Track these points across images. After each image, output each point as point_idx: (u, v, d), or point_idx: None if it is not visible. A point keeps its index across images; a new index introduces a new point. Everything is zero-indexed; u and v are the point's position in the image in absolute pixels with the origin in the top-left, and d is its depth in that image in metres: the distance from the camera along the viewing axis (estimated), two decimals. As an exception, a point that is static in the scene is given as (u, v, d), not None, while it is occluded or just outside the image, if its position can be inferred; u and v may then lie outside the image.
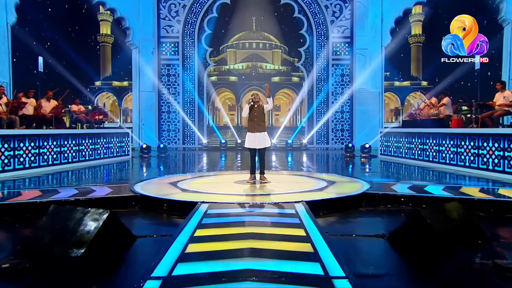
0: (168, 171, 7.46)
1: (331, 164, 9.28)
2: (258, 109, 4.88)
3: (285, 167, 8.08)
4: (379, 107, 14.73)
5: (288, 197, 4.07)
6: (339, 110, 14.85)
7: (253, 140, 4.85)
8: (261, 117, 4.87)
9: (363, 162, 9.58)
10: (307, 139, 14.81)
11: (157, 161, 9.83)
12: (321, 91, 14.86)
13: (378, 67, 14.44)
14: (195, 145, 14.58)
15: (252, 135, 4.86)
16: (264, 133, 4.87)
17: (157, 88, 14.44)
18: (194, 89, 14.60)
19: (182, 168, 8.42)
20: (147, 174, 6.94)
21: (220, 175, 6.29)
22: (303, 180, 5.56)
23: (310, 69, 14.93)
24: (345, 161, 9.72)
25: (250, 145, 4.88)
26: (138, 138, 14.12)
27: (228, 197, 4.17)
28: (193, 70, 14.61)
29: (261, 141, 4.84)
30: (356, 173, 7.28)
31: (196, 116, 14.71)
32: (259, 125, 4.84)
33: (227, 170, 7.31)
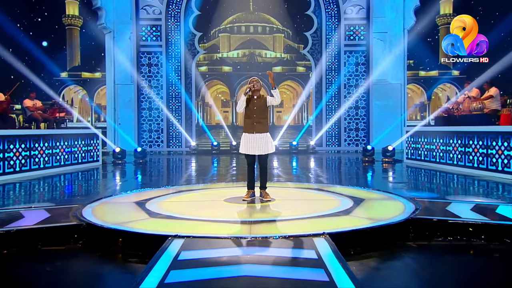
0: (141, 184, 6.86)
1: (349, 172, 8.72)
2: (259, 101, 4.27)
3: (290, 176, 7.61)
4: (401, 102, 14.12)
5: (303, 226, 3.31)
6: (353, 105, 14.31)
7: (251, 144, 4.22)
8: (262, 113, 4.25)
9: (387, 169, 9.05)
10: (315, 140, 14.33)
11: (132, 169, 9.28)
12: (331, 83, 14.37)
13: (400, 54, 13.99)
14: (182, 148, 14.14)
15: (249, 137, 4.25)
16: (266, 135, 4.26)
17: (135, 81, 13.88)
18: (180, 82, 14.12)
19: (161, 179, 7.76)
20: (111, 189, 6.22)
21: (208, 189, 5.69)
22: (317, 196, 4.89)
23: (319, 57, 14.46)
24: (364, 168, 9.24)
25: (247, 150, 4.23)
26: (113, 141, 13.63)
27: (214, 227, 3.36)
28: (179, 59, 14.10)
29: (262, 145, 4.21)
30: (384, 184, 6.58)
31: (182, 113, 14.21)
32: (259, 124, 4.22)
33: (218, 182, 6.76)
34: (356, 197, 4.57)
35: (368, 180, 7.31)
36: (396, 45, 14.03)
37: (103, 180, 7.54)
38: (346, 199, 4.43)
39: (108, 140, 11.77)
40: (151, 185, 6.35)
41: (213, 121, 19.61)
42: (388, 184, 6.58)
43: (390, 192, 4.97)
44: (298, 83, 18.30)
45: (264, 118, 4.26)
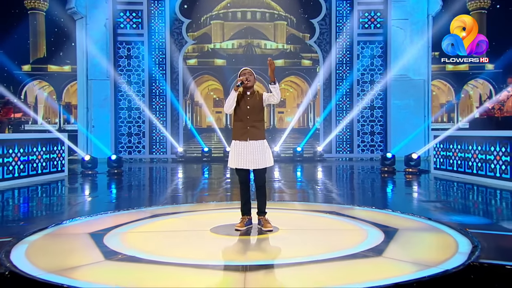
0: (108, 204, 6.28)
1: (366, 186, 8.27)
2: (253, 99, 3.95)
3: (295, 191, 7.27)
4: (425, 101, 13.82)
5: (318, 276, 2.67)
6: (368, 105, 14.04)
7: (243, 156, 3.88)
8: (257, 114, 3.93)
9: (413, 182, 8.60)
10: (323, 146, 14.05)
11: (103, 183, 8.82)
12: (343, 79, 14.12)
13: (423, 44, 13.67)
14: (167, 155, 13.87)
15: (241, 146, 3.91)
16: (262, 143, 3.92)
17: (112, 76, 13.57)
18: (164, 78, 13.88)
19: (135, 196, 7.19)
20: (65, 212, 5.54)
21: (193, 211, 5.14)
22: (333, 223, 4.38)
23: (328, 49, 14.25)
24: (384, 180, 8.92)
25: (238, 163, 3.89)
26: (85, 146, 13.35)
27: (192, 276, 2.72)
28: (163, 51, 13.87)
29: (258, 156, 3.87)
30: (415, 204, 6.01)
31: (168, 114, 13.95)
32: (254, 128, 3.90)
33: (207, 200, 6.27)
34: (385, 225, 4.03)
35: (392, 197, 6.82)
36: (418, 34, 13.76)
37: (60, 198, 6.95)
38: (372, 229, 3.89)
39: (75, 146, 11.24)
40: (121, 205, 5.89)
41: (204, 124, 19.19)
42: (419, 204, 6.00)
43: (429, 218, 4.37)
44: (303, 79, 17.82)
45: (260, 121, 3.94)
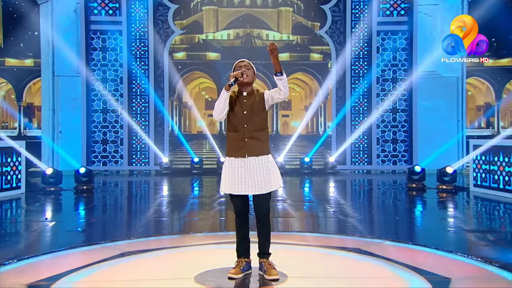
0: (64, 234, 5.86)
1: (393, 209, 8.03)
2: (252, 100, 3.73)
3: (303, 216, 7.07)
4: (459, 103, 13.65)
5: None
6: (390, 108, 13.79)
7: (240, 177, 3.64)
8: (257, 120, 3.72)
9: (449, 202, 8.46)
10: (335, 156, 13.83)
11: (66, 203, 8.63)
12: (359, 76, 13.94)
13: None
14: (149, 166, 13.70)
15: (237, 164, 3.68)
16: (266, 159, 3.69)
17: (84, 72, 13.36)
18: (147, 74, 13.79)
19: (103, 224, 6.87)
20: (8, 248, 5.13)
21: (175, 247, 4.81)
22: (358, 266, 4.09)
23: (341, 41, 14.10)
24: (412, 199, 8.81)
25: (234, 188, 3.65)
26: (49, 157, 13.12)
27: None
28: (146, 42, 13.72)
29: (260, 178, 3.63)
30: (463, 237, 5.63)
31: (150, 118, 13.81)
32: (254, 140, 3.68)
33: (194, 229, 6.01)
34: (432, 272, 3.68)
35: (428, 225, 6.47)
36: (450, 22, 13.38)
37: (4, 226, 6.53)
38: (415, 277, 3.53)
39: (35, 156, 10.92)
40: (81, 237, 5.61)
41: (194, 129, 18.93)
42: (466, 237, 5.59)
43: (488, 261, 3.97)
44: (312, 76, 17.62)
45: (261, 130, 3.69)
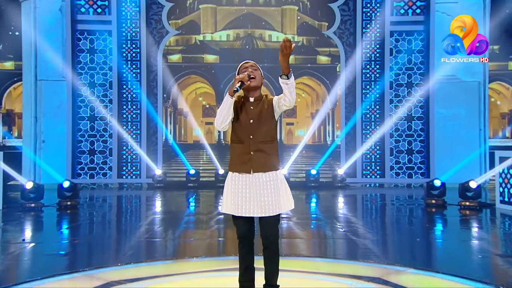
0: (42, 259, 5.74)
1: (412, 228, 7.97)
2: (259, 107, 3.64)
3: (310, 236, 7.02)
4: (480, 110, 13.75)
5: None
6: (405, 115, 13.91)
7: (245, 196, 3.56)
8: (265, 131, 3.63)
9: (475, 222, 8.43)
10: (345, 168, 13.94)
11: (47, 221, 8.68)
12: (371, 81, 14.10)
13: None
14: (141, 179, 13.87)
15: (241, 180, 3.60)
16: (275, 175, 3.61)
17: (70, 76, 13.52)
18: (138, 78, 13.95)
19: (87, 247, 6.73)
20: None
21: (166, 275, 4.65)
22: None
23: (351, 42, 14.28)
24: (431, 217, 8.84)
25: (237, 208, 3.55)
26: (31, 169, 13.30)
27: None
28: (137, 44, 13.95)
29: (268, 197, 3.55)
30: (498, 263, 5.49)
31: (143, 127, 13.95)
32: (261, 154, 3.59)
33: (189, 253, 5.91)
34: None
35: (454, 249, 6.28)
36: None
37: None
38: None
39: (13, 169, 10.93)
40: (63, 262, 5.47)
41: (190, 138, 19.17)
42: (502, 263, 5.44)
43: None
44: (319, 81, 17.75)
45: (270, 142, 3.60)
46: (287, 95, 3.45)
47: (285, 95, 3.46)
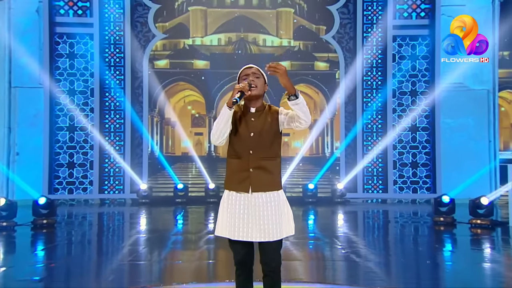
0: (14, 286, 5.68)
1: (419, 250, 7.94)
2: (261, 119, 3.63)
3: (308, 258, 7.03)
4: (490, 120, 13.79)
5: None
6: (409, 126, 13.91)
7: (242, 219, 3.54)
8: (267, 146, 3.62)
9: (488, 242, 8.44)
10: (345, 182, 13.96)
11: (19, 243, 8.61)
12: (372, 89, 14.16)
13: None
14: (124, 194, 13.84)
15: (239, 200, 3.58)
16: (276, 196, 3.58)
17: (47, 83, 13.39)
18: (122, 85, 13.94)
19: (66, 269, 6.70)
20: None
21: None
22: None
23: (351, 47, 14.38)
24: (439, 236, 8.86)
25: (234, 232, 3.55)
26: (4, 184, 13.23)
27: None
28: (121, 48, 13.96)
29: (269, 220, 3.52)
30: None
31: (127, 138, 13.94)
32: (261, 171, 3.57)
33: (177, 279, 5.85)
34: None
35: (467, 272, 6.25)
36: (480, 26, 12.98)
37: None
38: None
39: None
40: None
41: (178, 150, 18.82)
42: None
43: None
44: (316, 89, 17.66)
45: (272, 159, 3.57)
46: (301, 117, 3.41)
47: (299, 117, 3.43)
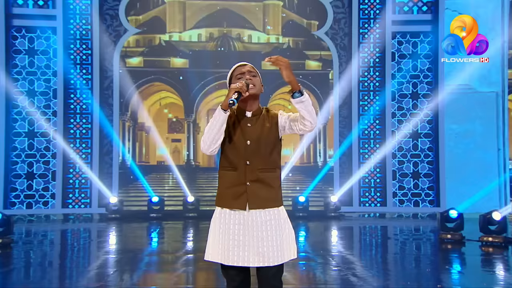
0: None
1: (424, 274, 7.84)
2: (258, 124, 3.65)
3: (299, 280, 7.04)
4: (499, 126, 13.89)
5: None
6: (410, 132, 14.04)
7: (237, 240, 3.55)
8: (266, 155, 3.64)
9: (502, 264, 8.44)
10: (339, 195, 14.08)
11: None
12: (369, 91, 14.28)
13: (495, 39, 13.58)
14: (92, 208, 13.82)
15: (233, 219, 3.60)
16: (276, 214, 3.62)
17: (3, 83, 13.43)
18: (90, 86, 13.99)
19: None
20: None
21: None
22: None
23: (346, 45, 14.47)
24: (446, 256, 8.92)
25: (227, 256, 3.55)
26: None
27: None
28: (89, 44, 14.01)
29: (268, 241, 3.54)
30: None
31: (94, 144, 14.03)
32: (259, 185, 3.59)
33: None
34: None
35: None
36: (488, 22, 13.78)
37: None
38: None
39: None
40: None
41: (153, 159, 18.88)
42: None
43: None
44: (308, 90, 17.48)
45: (272, 170, 3.59)
46: (306, 117, 3.37)
47: (303, 117, 3.39)
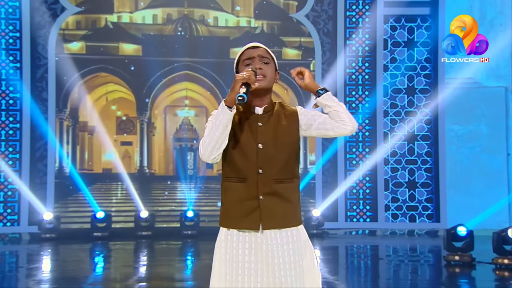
0: None
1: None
2: (271, 122, 3.58)
3: None
4: (508, 126, 14.13)
5: None
6: (406, 134, 14.27)
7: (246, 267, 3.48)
8: (283, 161, 3.56)
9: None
10: (322, 208, 14.13)
11: None
12: (357, 85, 14.46)
13: (503, 25, 14.12)
14: (20, 227, 13.78)
15: (243, 242, 3.53)
16: (296, 234, 3.51)
17: None
18: (19, 75, 13.95)
19: None
20: None
21: None
22: None
23: (330, 30, 14.69)
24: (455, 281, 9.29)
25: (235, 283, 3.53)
26: None
27: None
28: (17, 25, 13.99)
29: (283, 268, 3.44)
30: None
31: (24, 148, 14.01)
32: (274, 199, 3.50)
33: None
34: None
35: None
36: (495, 5, 14.23)
37: None
38: None
39: None
40: None
41: (98, 166, 18.97)
42: None
43: None
44: (285, 84, 18.00)
45: (290, 180, 3.56)
46: (346, 120, 3.28)
47: (343, 120, 3.30)
